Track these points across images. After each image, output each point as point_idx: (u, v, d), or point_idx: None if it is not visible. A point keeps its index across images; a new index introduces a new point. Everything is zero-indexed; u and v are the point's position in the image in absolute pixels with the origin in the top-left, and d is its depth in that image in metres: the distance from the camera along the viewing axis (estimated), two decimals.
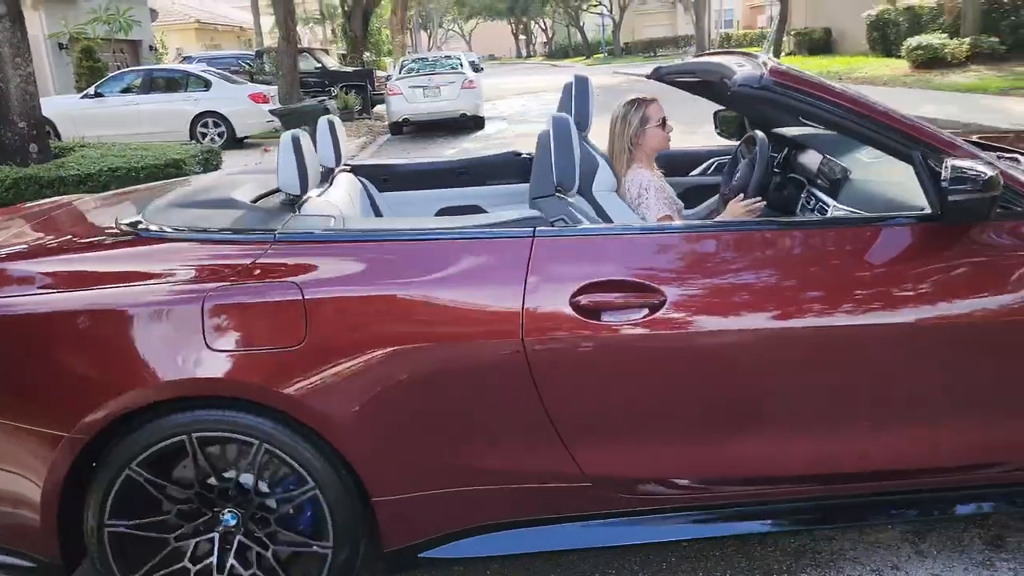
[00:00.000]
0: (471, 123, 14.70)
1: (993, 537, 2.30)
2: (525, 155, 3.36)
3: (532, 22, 69.81)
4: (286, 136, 2.35)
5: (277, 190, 2.46)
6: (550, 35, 70.17)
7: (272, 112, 10.24)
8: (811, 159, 3.03)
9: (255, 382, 1.85)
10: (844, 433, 2.00)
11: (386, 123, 15.23)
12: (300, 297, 1.85)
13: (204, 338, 1.84)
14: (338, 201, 2.60)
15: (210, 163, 8.36)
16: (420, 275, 1.90)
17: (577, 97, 3.09)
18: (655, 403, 1.96)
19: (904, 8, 19.83)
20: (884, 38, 21.07)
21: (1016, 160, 2.39)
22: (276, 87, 15.28)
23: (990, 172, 1.80)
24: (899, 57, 18.14)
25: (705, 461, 2.01)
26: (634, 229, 2.14)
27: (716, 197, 3.38)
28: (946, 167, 1.83)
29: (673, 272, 1.94)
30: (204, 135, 13.69)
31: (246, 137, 14.12)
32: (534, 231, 1.96)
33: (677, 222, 2.76)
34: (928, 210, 1.96)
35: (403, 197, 3.30)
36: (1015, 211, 1.97)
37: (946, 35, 16.96)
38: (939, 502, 2.10)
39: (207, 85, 14.09)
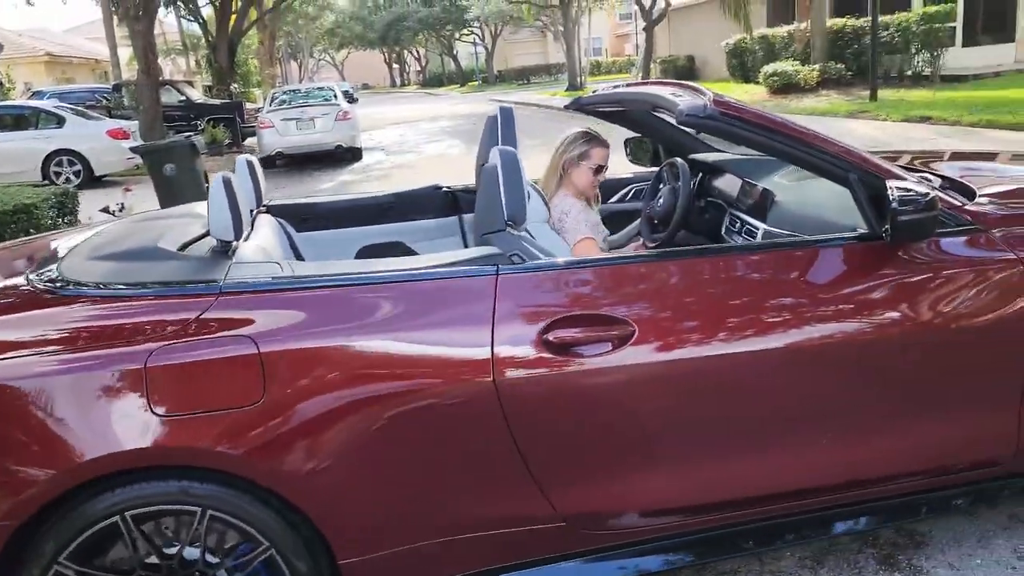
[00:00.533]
0: (348, 155, 14.42)
1: (885, 556, 2.36)
2: (445, 188, 3.30)
3: (405, 51, 69.87)
4: (217, 180, 2.15)
5: (203, 236, 2.27)
6: (424, 64, 70.46)
7: (133, 150, 9.66)
8: (729, 183, 3.09)
9: (210, 446, 1.71)
10: (818, 450, 2.04)
11: (258, 157, 14.65)
12: (255, 351, 1.74)
13: (148, 403, 1.69)
14: (267, 245, 2.44)
15: (65, 207, 7.77)
16: (382, 321, 1.83)
17: (504, 128, 3.03)
18: (629, 436, 1.95)
19: (759, 37, 21.04)
20: (742, 65, 22.26)
21: (926, 178, 2.50)
22: (136, 122, 14.61)
23: (930, 193, 1.90)
24: (757, 83, 19.20)
25: (680, 492, 2.01)
26: (598, 261, 2.11)
27: (638, 221, 3.40)
28: (891, 189, 1.91)
29: (641, 303, 1.94)
30: (59, 175, 12.85)
31: (105, 176, 13.35)
32: (497, 268, 1.92)
33: (643, 252, 2.75)
34: (865, 229, 2.06)
35: (323, 237, 3.14)
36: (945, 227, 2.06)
37: (798, 62, 18.09)
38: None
39: (60, 122, 13.27)
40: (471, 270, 1.93)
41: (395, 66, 76.77)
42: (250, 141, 17.17)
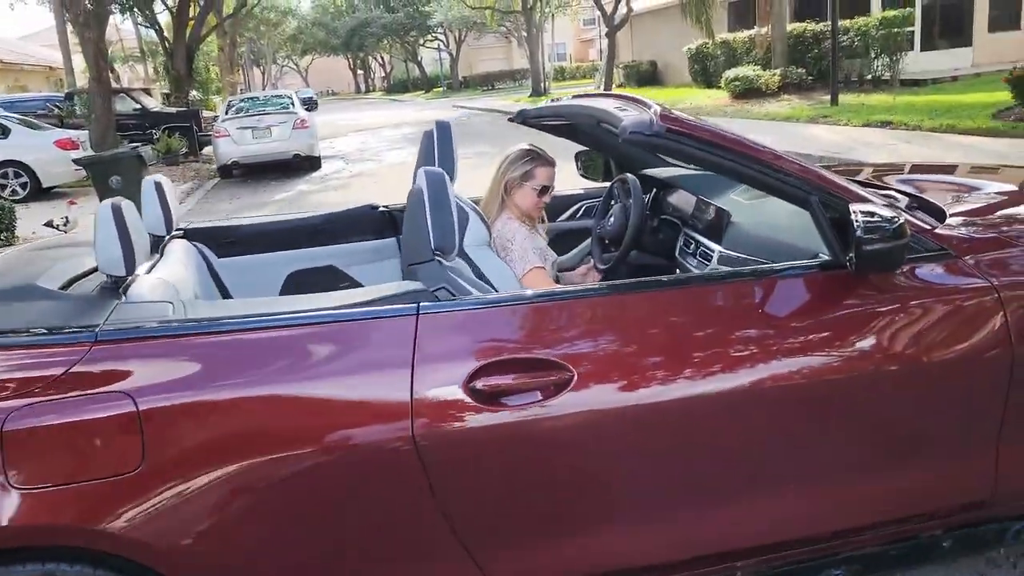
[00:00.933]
0: (306, 164, 14.11)
1: None
2: (382, 208, 3.08)
3: (369, 57, 69.43)
4: (104, 207, 1.92)
5: (95, 269, 2.02)
6: (388, 70, 70.05)
7: (76, 162, 9.29)
8: (683, 200, 2.92)
9: (81, 523, 1.48)
10: (763, 501, 1.87)
11: (216, 166, 14.34)
12: (134, 409, 1.51)
13: (4, 474, 1.47)
14: (173, 278, 2.20)
15: (1, 221, 7.43)
16: (285, 369, 1.60)
17: (441, 145, 2.81)
18: (568, 493, 1.75)
19: (721, 42, 21.10)
20: (704, 70, 22.31)
21: (892, 198, 2.33)
22: (87, 132, 14.16)
23: (898, 219, 1.73)
24: (719, 88, 19.23)
25: (629, 553, 1.83)
26: (532, 297, 1.88)
27: (588, 241, 3.20)
28: (856, 215, 1.74)
29: (581, 344, 1.73)
30: (3, 187, 12.38)
31: (53, 187, 12.91)
32: (418, 307, 1.70)
33: (578, 284, 2.56)
34: (827, 256, 1.89)
35: (248, 263, 2.91)
36: (915, 253, 1.89)
37: (759, 67, 18.14)
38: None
39: (4, 132, 12.79)
40: (388, 309, 1.72)
41: (360, 72, 76.23)
42: (208, 150, 16.76)
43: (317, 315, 1.70)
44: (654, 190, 3.18)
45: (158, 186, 2.51)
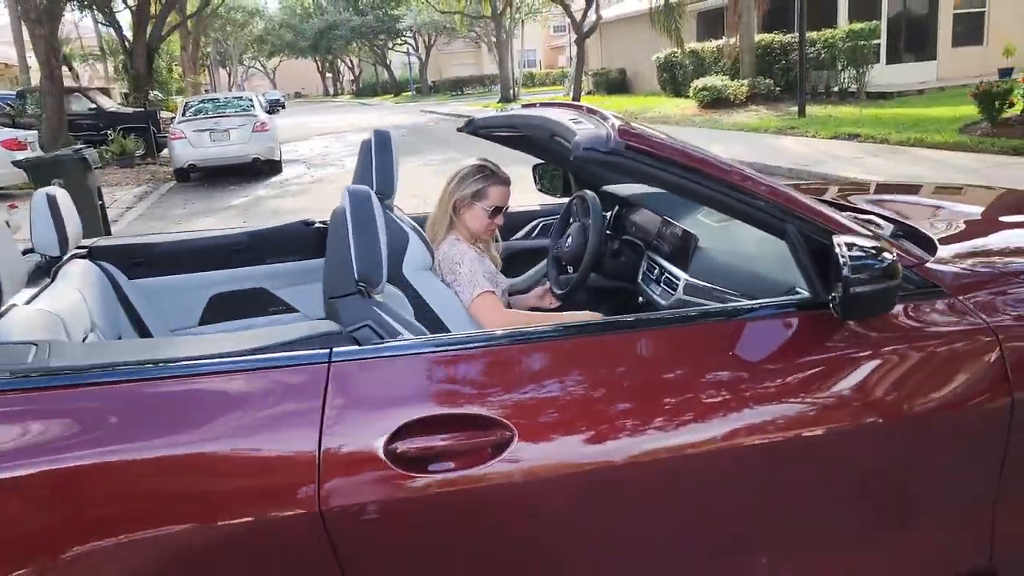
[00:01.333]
0: (266, 168, 13.71)
1: None
2: (319, 224, 2.80)
3: (338, 60, 68.78)
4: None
5: None
6: (357, 73, 69.45)
7: (16, 163, 8.82)
8: (647, 220, 2.69)
9: None
10: (732, 573, 1.66)
11: (172, 169, 13.89)
12: None
13: None
14: (62, 307, 1.91)
15: None
16: (165, 429, 1.35)
17: (378, 156, 2.54)
18: (508, 573, 1.52)
19: (690, 51, 21.07)
20: (673, 79, 22.28)
21: (873, 223, 2.12)
22: (35, 132, 13.66)
23: (889, 255, 1.51)
24: (687, 97, 19.16)
25: None
26: (468, 340, 1.63)
27: (544, 263, 2.95)
28: (840, 249, 1.51)
29: (524, 395, 1.48)
30: None
31: (2, 188, 12.39)
32: (330, 353, 1.45)
33: (522, 326, 2.33)
34: (805, 291, 1.70)
35: (164, 285, 2.62)
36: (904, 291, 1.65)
37: (727, 77, 18.11)
38: None
39: None
40: (295, 356, 1.45)
41: (328, 75, 75.51)
42: (167, 152, 16.29)
43: (208, 363, 1.42)
44: (616, 208, 2.95)
45: (51, 199, 2.20)
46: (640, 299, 2.60)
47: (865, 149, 10.53)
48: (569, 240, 2.72)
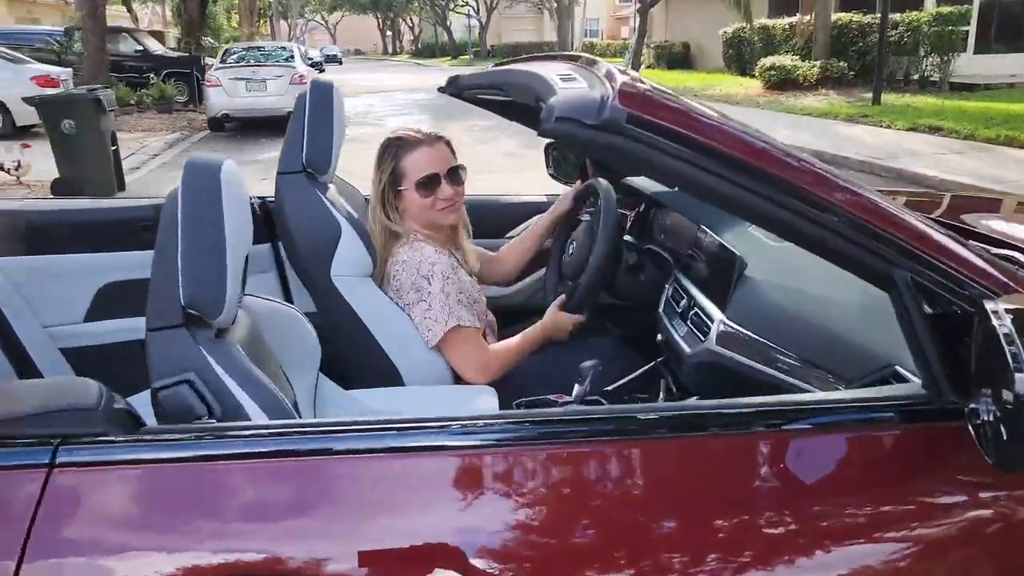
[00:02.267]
0: None
1: None
2: (254, 199, 2.16)
3: (399, 18, 68.05)
4: None
5: None
6: (417, 33, 68.62)
7: (27, 100, 8.38)
8: (679, 228, 2.01)
9: None
10: None
11: (206, 117, 13.44)
12: None
13: None
14: None
15: None
16: None
17: (314, 118, 1.87)
18: None
19: (759, 27, 19.88)
20: (739, 56, 21.10)
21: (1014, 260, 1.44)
22: (70, 70, 13.32)
23: None
24: (753, 76, 18.08)
25: None
26: (328, 427, 0.99)
27: (543, 271, 2.28)
28: (1007, 330, 0.87)
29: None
30: None
31: (33, 126, 12.05)
32: (54, 451, 0.86)
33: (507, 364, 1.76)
34: (914, 378, 1.10)
35: (40, 267, 2.03)
36: None
37: (798, 57, 16.98)
38: None
39: None
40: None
41: (388, 33, 74.77)
42: None
43: None
44: (642, 207, 2.24)
45: None
46: (659, 336, 1.90)
47: (947, 145, 9.51)
48: (573, 245, 2.03)
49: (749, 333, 1.50)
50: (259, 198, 2.19)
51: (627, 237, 2.16)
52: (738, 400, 1.06)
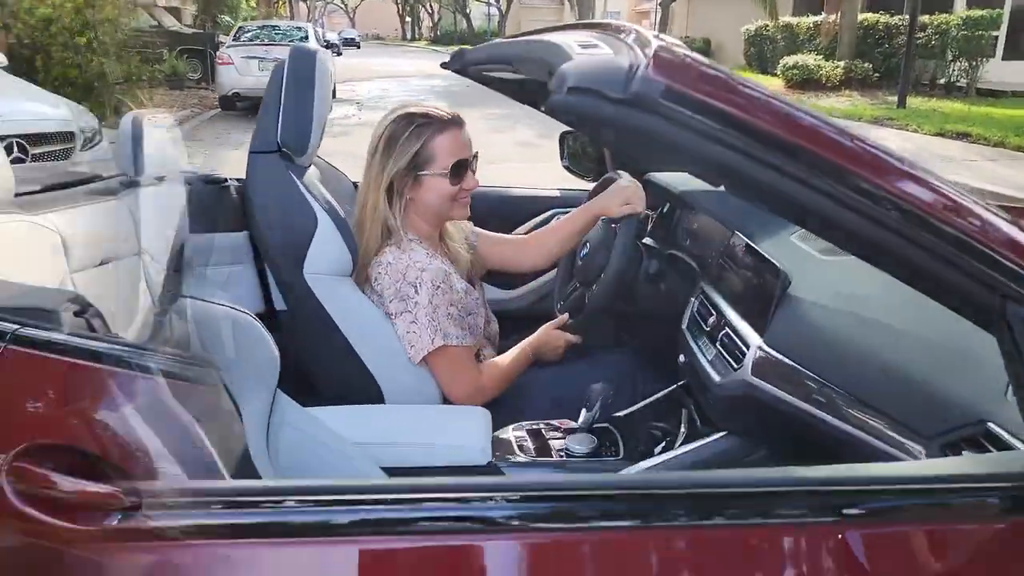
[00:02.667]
0: None
1: None
2: (232, 182, 2.04)
3: (419, 4, 67.70)
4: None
5: None
6: (436, 20, 68.25)
7: None
8: (710, 232, 1.77)
9: None
10: None
11: (217, 96, 13.23)
12: None
13: None
14: None
15: None
16: None
17: (291, 89, 1.65)
18: None
19: (783, 25, 19.52)
20: (760, 54, 20.74)
21: None
22: None
23: None
24: (774, 75, 17.73)
25: None
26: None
27: (551, 275, 2.05)
28: None
29: None
30: None
31: None
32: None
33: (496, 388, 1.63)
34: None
35: None
36: None
37: (821, 57, 16.64)
38: None
39: None
40: None
41: (408, 19, 74.33)
42: None
43: None
44: (665, 207, 2.00)
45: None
46: (681, 356, 1.66)
47: (978, 151, 9.19)
48: (587, 249, 1.79)
49: (793, 364, 1.26)
50: (238, 181, 1.97)
51: (646, 240, 1.92)
52: (774, 475, 0.83)
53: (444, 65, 1.82)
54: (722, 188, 1.02)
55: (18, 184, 1.78)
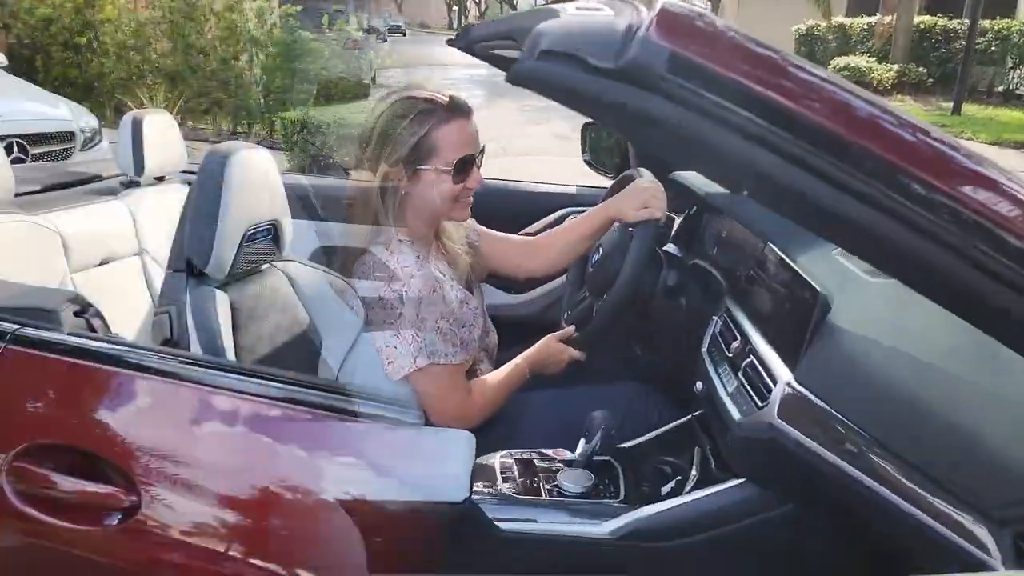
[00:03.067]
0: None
1: None
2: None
3: None
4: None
5: None
6: (483, 9, 68.13)
7: None
8: (739, 240, 1.58)
9: None
10: None
11: None
12: None
13: None
14: None
15: None
16: None
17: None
18: None
19: (835, 25, 18.99)
20: (811, 55, 20.22)
21: None
22: None
23: None
24: None
25: None
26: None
27: (562, 280, 1.86)
28: None
29: None
30: None
31: None
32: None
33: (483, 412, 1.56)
34: None
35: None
36: None
37: (874, 59, 16.14)
38: None
39: None
40: None
41: (455, 8, 74.30)
42: None
43: None
44: (692, 210, 1.79)
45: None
46: (698, 384, 1.44)
47: None
48: (599, 255, 1.59)
49: (828, 408, 1.05)
50: None
51: (668, 247, 1.71)
52: None
53: (450, 43, 1.63)
54: (745, 194, 0.82)
55: (18, 184, 1.88)
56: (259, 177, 1.42)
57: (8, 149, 4.86)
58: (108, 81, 9.17)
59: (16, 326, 1.08)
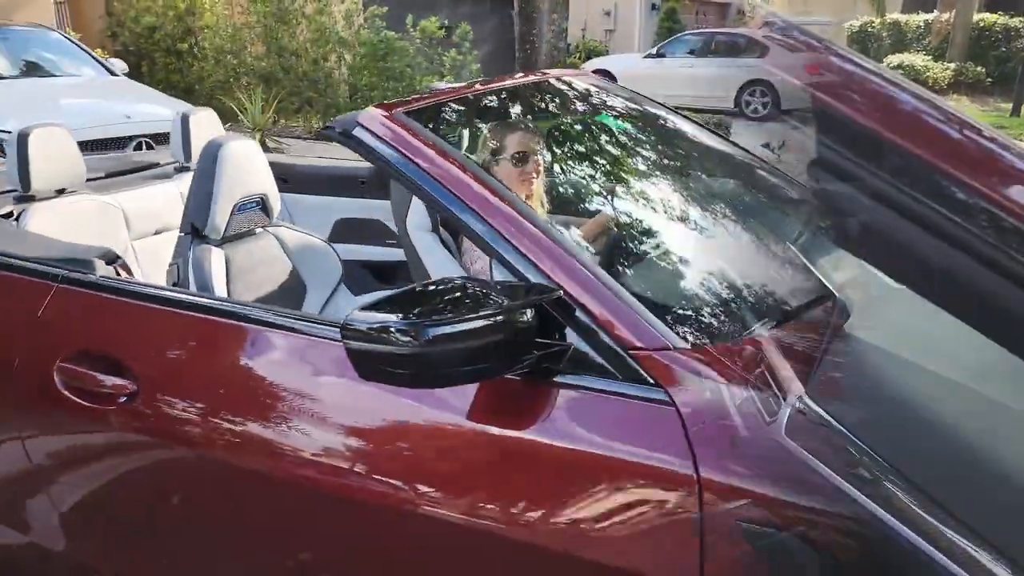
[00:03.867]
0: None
1: None
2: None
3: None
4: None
5: None
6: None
7: None
8: None
9: None
10: None
11: None
12: None
13: None
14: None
15: None
16: None
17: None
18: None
19: (891, 22, 18.93)
20: (864, 52, 20.16)
21: None
22: None
23: None
24: None
25: None
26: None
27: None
28: None
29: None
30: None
31: None
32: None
33: None
34: None
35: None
36: None
37: (930, 58, 16.11)
38: None
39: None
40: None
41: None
42: None
43: None
44: None
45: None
46: None
47: None
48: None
49: (843, 430, 0.92)
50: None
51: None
52: None
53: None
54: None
55: (89, 172, 2.37)
56: (244, 161, 1.91)
57: (137, 147, 5.40)
58: (208, 84, 9.69)
59: (64, 271, 1.51)
